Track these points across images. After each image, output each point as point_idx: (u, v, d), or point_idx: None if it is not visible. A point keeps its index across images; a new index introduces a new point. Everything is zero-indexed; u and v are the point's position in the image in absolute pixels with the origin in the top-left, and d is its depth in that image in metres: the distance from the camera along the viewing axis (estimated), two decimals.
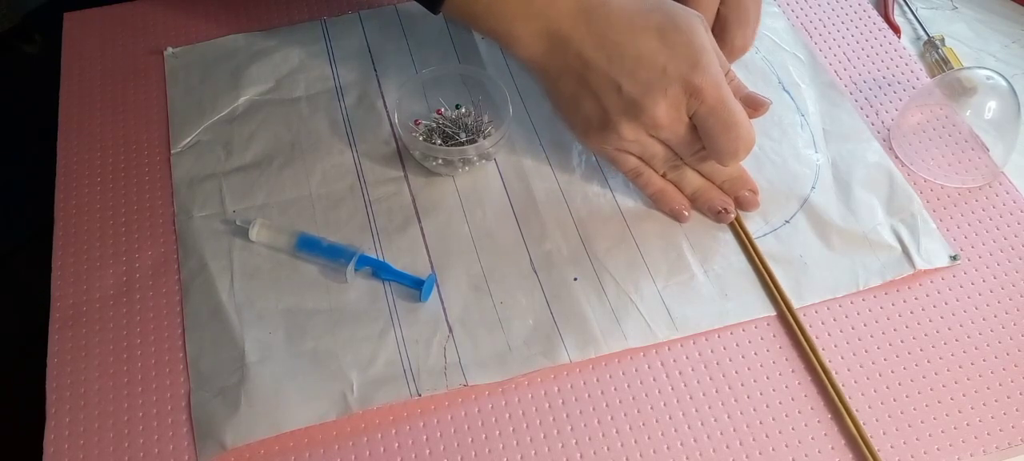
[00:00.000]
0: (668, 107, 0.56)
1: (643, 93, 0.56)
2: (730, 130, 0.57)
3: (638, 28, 0.56)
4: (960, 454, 0.52)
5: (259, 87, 0.70)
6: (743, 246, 0.60)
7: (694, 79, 0.55)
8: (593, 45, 0.56)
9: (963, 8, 0.80)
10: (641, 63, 0.56)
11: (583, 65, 0.57)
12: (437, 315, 0.57)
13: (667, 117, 0.57)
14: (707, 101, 0.56)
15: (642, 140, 0.59)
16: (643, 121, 0.57)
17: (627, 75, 0.56)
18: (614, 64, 0.56)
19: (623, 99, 0.56)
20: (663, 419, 0.53)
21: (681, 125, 0.57)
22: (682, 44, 0.56)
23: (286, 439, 0.53)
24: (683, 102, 0.56)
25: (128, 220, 0.63)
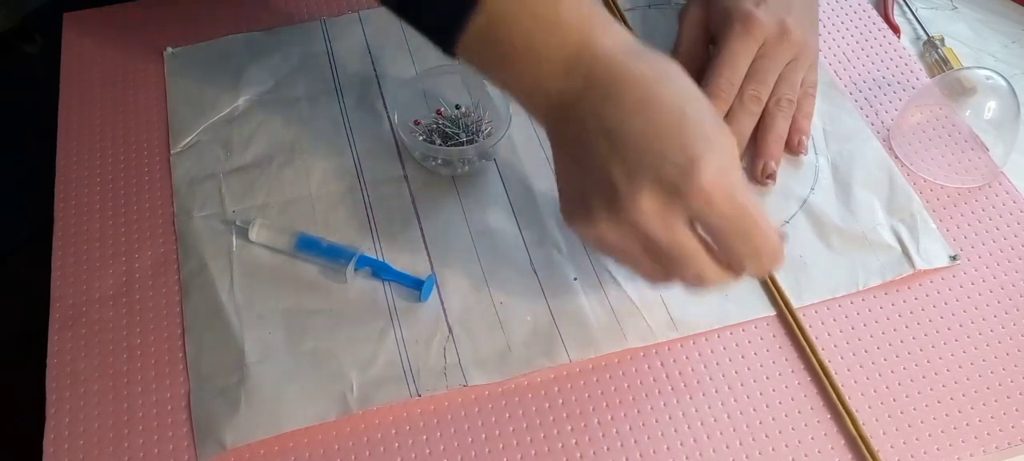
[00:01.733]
0: (655, 207, 0.46)
1: (628, 181, 0.46)
2: (748, 235, 0.47)
3: (648, 108, 0.47)
4: (960, 454, 0.52)
5: (259, 87, 0.70)
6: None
7: (695, 178, 0.45)
8: (596, 118, 0.48)
9: (963, 8, 0.80)
10: (636, 146, 0.46)
11: (580, 136, 0.49)
12: (437, 315, 0.57)
13: (654, 216, 0.46)
14: (716, 206, 0.46)
15: (623, 241, 0.48)
16: (622, 218, 0.47)
17: (618, 157, 0.47)
18: (610, 141, 0.47)
19: (608, 186, 0.47)
20: (663, 419, 0.53)
21: (673, 230, 0.47)
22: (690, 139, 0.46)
23: (286, 439, 0.53)
24: (679, 206, 0.46)
25: (128, 220, 0.63)
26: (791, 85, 0.63)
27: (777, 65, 0.63)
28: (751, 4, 0.63)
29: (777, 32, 0.62)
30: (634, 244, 0.48)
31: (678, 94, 0.48)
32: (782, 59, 0.63)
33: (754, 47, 0.62)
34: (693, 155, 0.46)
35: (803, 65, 0.64)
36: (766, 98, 0.63)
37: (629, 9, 0.76)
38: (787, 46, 0.63)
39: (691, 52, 0.67)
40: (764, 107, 0.63)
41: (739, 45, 0.62)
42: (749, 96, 0.62)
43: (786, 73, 0.63)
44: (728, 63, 0.62)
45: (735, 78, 0.62)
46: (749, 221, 0.47)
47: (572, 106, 0.49)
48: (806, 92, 0.65)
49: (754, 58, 0.63)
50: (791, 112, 0.64)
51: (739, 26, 0.62)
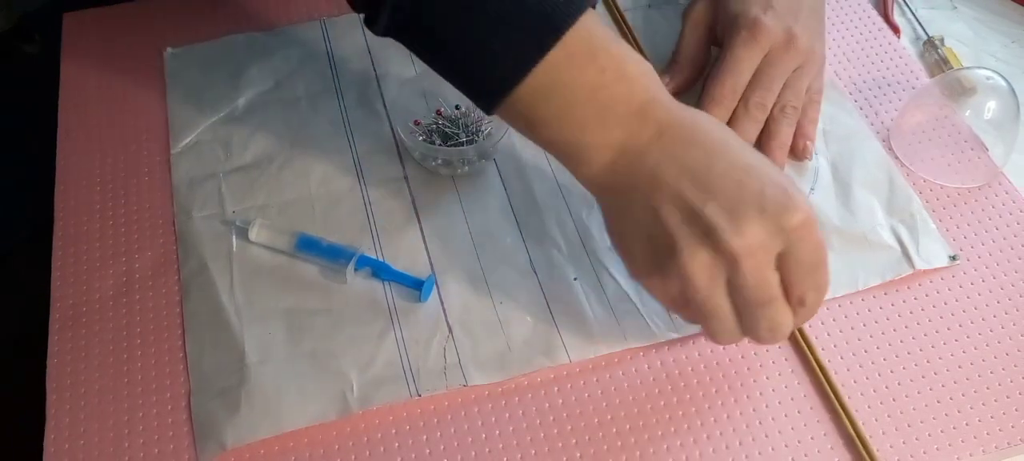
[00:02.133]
0: (760, 237, 0.46)
1: (730, 215, 0.46)
2: (823, 268, 0.49)
3: (727, 151, 0.49)
4: (960, 454, 0.52)
5: (259, 87, 0.70)
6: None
7: (795, 210, 0.46)
8: (675, 162, 0.48)
9: (963, 8, 0.80)
10: (730, 180, 0.47)
11: (655, 181, 0.48)
12: (437, 315, 0.57)
13: (757, 248, 0.46)
14: (809, 238, 0.47)
15: (711, 284, 0.48)
16: (722, 252, 0.46)
17: (713, 193, 0.47)
18: (697, 181, 0.47)
19: (701, 223, 0.47)
20: (663, 419, 0.53)
21: (766, 266, 0.47)
22: (780, 176, 0.48)
23: (286, 439, 0.53)
24: (779, 237, 0.47)
25: (128, 220, 0.63)
26: (796, 92, 0.63)
27: (783, 72, 0.63)
28: (759, 10, 0.62)
29: (784, 40, 0.62)
30: (718, 287, 0.48)
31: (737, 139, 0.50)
32: (788, 66, 0.63)
33: (759, 54, 0.62)
34: (788, 188, 0.47)
35: (809, 72, 0.64)
36: (771, 105, 0.63)
37: (629, 9, 0.76)
38: (793, 53, 0.62)
39: (693, 53, 0.67)
40: (769, 114, 0.63)
41: (744, 51, 0.62)
42: (754, 103, 0.62)
43: (792, 80, 0.63)
44: (732, 69, 0.62)
45: (738, 85, 0.62)
46: (825, 255, 0.48)
47: (641, 155, 0.49)
48: (811, 98, 0.65)
49: (760, 65, 0.62)
50: (796, 119, 0.63)
51: (746, 32, 0.62)
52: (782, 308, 0.48)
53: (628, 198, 0.50)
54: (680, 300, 0.50)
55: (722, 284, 0.48)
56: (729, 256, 0.46)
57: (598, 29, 0.50)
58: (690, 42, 0.67)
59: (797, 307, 0.49)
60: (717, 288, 0.48)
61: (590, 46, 0.49)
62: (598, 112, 0.50)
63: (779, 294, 0.48)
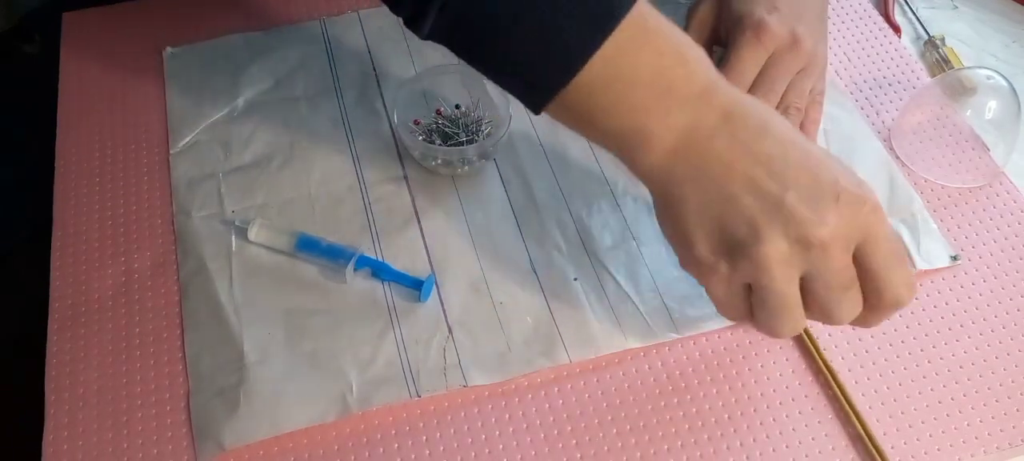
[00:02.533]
0: (840, 225, 0.46)
1: (811, 205, 0.46)
2: (903, 264, 0.48)
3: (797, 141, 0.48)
4: (961, 454, 0.51)
5: (258, 87, 0.70)
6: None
7: (870, 196, 0.47)
8: (747, 149, 0.47)
9: (964, 8, 0.80)
10: (807, 171, 0.47)
11: (728, 168, 0.47)
12: (437, 315, 0.57)
13: (840, 236, 0.46)
14: (882, 224, 0.47)
15: (788, 274, 0.47)
16: (807, 242, 0.46)
17: (792, 184, 0.46)
18: (774, 170, 0.47)
19: (784, 212, 0.46)
20: (663, 419, 0.53)
21: (847, 251, 0.47)
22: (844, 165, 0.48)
23: (285, 440, 0.52)
24: (857, 222, 0.47)
25: (127, 220, 0.63)
26: (800, 93, 0.63)
27: (787, 74, 0.63)
28: (764, 11, 0.62)
29: (789, 42, 0.62)
30: (793, 278, 0.48)
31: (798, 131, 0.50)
32: (792, 68, 0.62)
33: (764, 55, 0.62)
34: (858, 179, 0.47)
35: (812, 74, 0.64)
36: (774, 106, 0.63)
37: None
38: (798, 55, 0.62)
39: None
40: None
41: (749, 52, 0.62)
42: None
43: (795, 81, 0.63)
44: (736, 70, 0.62)
45: (742, 86, 0.62)
46: (903, 246, 0.48)
47: (708, 140, 0.48)
48: (813, 99, 0.65)
49: (764, 66, 0.62)
50: (799, 120, 0.63)
51: (751, 33, 0.62)
52: (858, 294, 0.49)
53: (693, 186, 0.49)
54: (738, 294, 0.49)
55: (796, 275, 0.48)
56: (816, 245, 0.46)
57: (653, 14, 0.50)
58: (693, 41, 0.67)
59: (889, 307, 0.49)
60: (793, 279, 0.48)
61: (646, 30, 0.49)
62: (659, 96, 0.48)
63: (855, 283, 0.48)
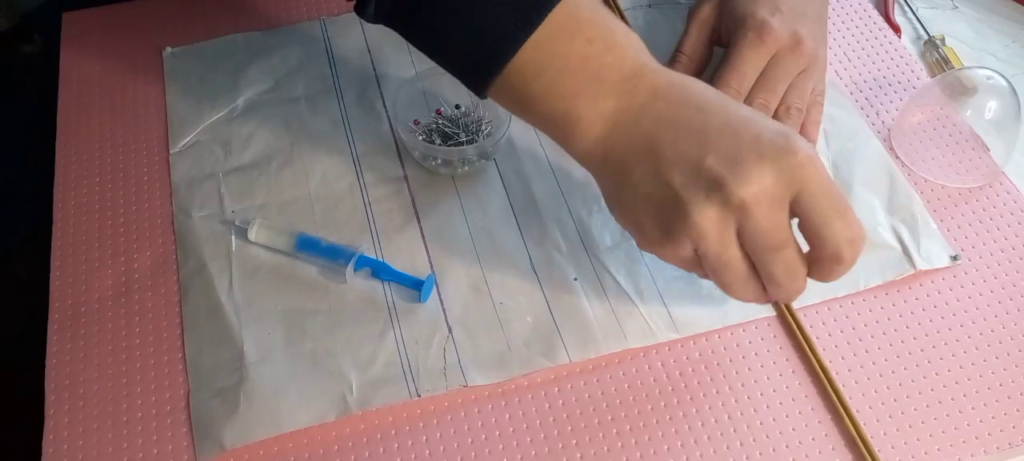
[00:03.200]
0: (764, 182, 0.46)
1: (730, 165, 0.46)
2: (849, 212, 0.47)
3: (722, 107, 0.49)
4: (960, 454, 0.51)
5: (258, 87, 0.70)
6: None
7: (796, 148, 0.46)
8: (670, 122, 0.48)
9: (964, 8, 0.80)
10: (727, 133, 0.47)
11: (653, 144, 0.48)
12: (437, 315, 0.57)
13: (763, 194, 0.46)
14: (817, 175, 0.46)
15: (724, 238, 0.47)
16: (731, 203, 0.46)
17: (711, 147, 0.47)
18: (694, 138, 0.47)
19: (704, 177, 0.46)
20: (663, 419, 0.53)
21: (776, 210, 0.47)
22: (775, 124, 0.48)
23: (285, 440, 0.52)
24: (784, 178, 0.46)
25: (127, 220, 0.63)
26: (801, 94, 0.63)
27: (788, 75, 0.63)
28: (766, 12, 0.62)
29: (791, 43, 0.62)
30: (731, 240, 0.48)
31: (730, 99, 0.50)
32: (794, 69, 0.63)
33: (766, 56, 0.62)
34: (785, 130, 0.47)
35: (814, 75, 0.64)
36: (775, 106, 0.63)
37: (629, 9, 0.76)
38: (800, 56, 0.62)
39: (695, 51, 0.67)
40: (774, 114, 0.63)
41: (751, 53, 0.62)
42: (758, 104, 0.62)
43: (797, 82, 0.63)
44: (737, 70, 0.62)
45: (743, 87, 0.62)
46: (845, 199, 0.47)
47: (636, 122, 0.49)
48: (814, 100, 0.65)
49: (766, 67, 0.62)
50: (800, 121, 0.63)
51: (753, 34, 0.62)
52: (796, 253, 0.48)
53: (626, 168, 0.50)
54: (694, 261, 0.50)
55: (734, 237, 0.48)
56: (737, 205, 0.46)
57: (586, 3, 0.51)
58: (694, 41, 0.67)
59: (830, 263, 0.48)
60: (730, 241, 0.48)
61: (577, 18, 0.50)
62: (589, 82, 0.50)
63: (792, 237, 0.48)
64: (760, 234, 0.47)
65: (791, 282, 0.49)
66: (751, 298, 0.51)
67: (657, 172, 0.48)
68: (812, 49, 0.63)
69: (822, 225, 0.47)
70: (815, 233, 0.47)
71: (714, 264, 0.49)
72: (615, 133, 0.50)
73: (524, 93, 0.51)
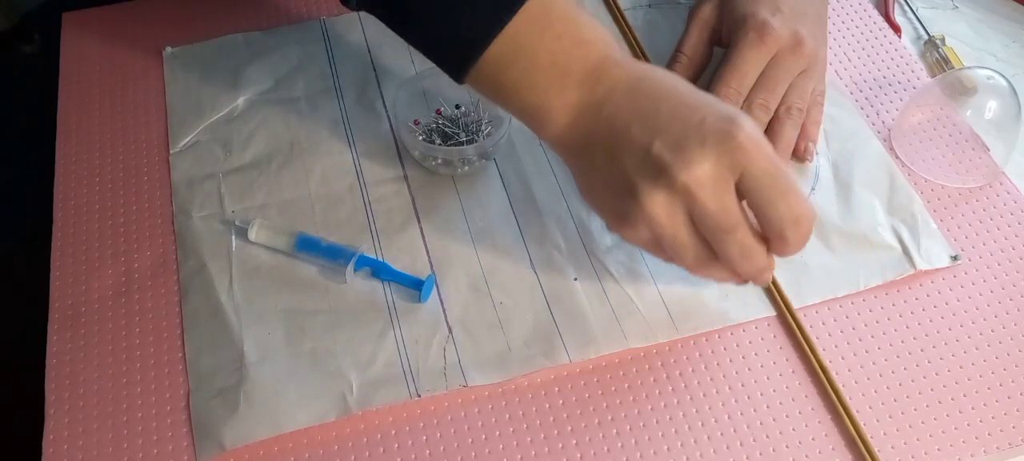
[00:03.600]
0: (705, 165, 0.47)
1: (674, 150, 0.47)
2: (791, 192, 0.48)
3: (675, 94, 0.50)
4: (960, 454, 0.51)
5: (258, 87, 0.70)
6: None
7: (736, 131, 0.47)
8: (626, 110, 0.50)
9: (964, 8, 0.80)
10: (675, 119, 0.48)
11: (611, 131, 0.50)
12: (437, 315, 0.57)
13: (705, 177, 0.47)
14: (759, 157, 0.47)
15: (674, 221, 0.49)
16: (676, 188, 0.48)
17: (658, 133, 0.48)
18: (644, 125, 0.49)
19: (651, 163, 0.48)
20: (663, 419, 0.53)
21: (722, 193, 0.48)
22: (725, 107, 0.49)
23: (285, 440, 0.52)
24: (725, 160, 0.47)
25: (127, 220, 0.63)
26: (801, 94, 0.63)
27: (789, 75, 0.63)
28: (767, 13, 0.62)
29: (791, 43, 0.62)
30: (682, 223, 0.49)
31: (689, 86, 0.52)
32: (794, 69, 0.63)
33: (766, 56, 0.62)
34: (730, 114, 0.48)
35: (814, 75, 0.64)
36: (775, 106, 0.63)
37: (629, 9, 0.76)
38: (800, 57, 0.62)
39: (695, 51, 0.67)
40: (774, 115, 0.63)
41: (751, 53, 0.62)
42: (758, 104, 0.62)
43: (797, 82, 0.63)
44: (737, 70, 0.62)
45: (743, 87, 0.62)
46: (789, 180, 0.48)
47: (598, 110, 0.51)
48: (815, 100, 0.65)
49: (766, 67, 0.62)
50: (800, 121, 0.63)
51: (753, 34, 0.62)
52: (748, 234, 0.50)
53: (589, 154, 0.52)
54: (655, 243, 0.51)
55: (684, 220, 0.49)
56: (681, 189, 0.48)
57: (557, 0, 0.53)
58: (694, 41, 0.67)
59: (778, 243, 0.49)
60: (680, 225, 0.49)
61: (548, 13, 0.52)
62: (557, 76, 0.52)
63: (741, 219, 0.49)
64: (708, 217, 0.48)
65: (748, 263, 0.50)
66: (720, 278, 0.53)
67: (612, 158, 0.50)
68: (813, 49, 0.63)
69: (764, 205, 0.48)
70: (760, 213, 0.49)
71: (669, 247, 0.51)
72: (579, 122, 0.52)
73: (497, 83, 0.54)
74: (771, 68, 0.62)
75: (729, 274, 0.52)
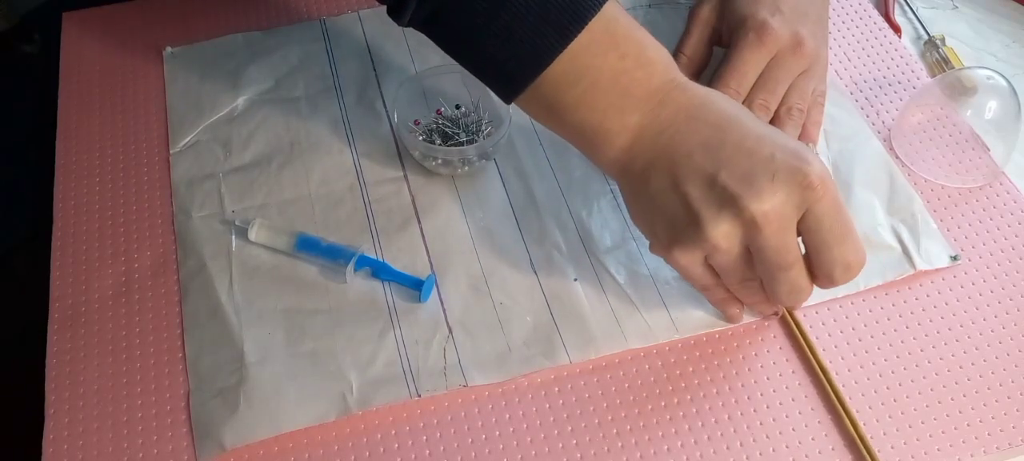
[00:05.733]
0: (775, 201, 0.47)
1: (743, 182, 0.47)
2: (849, 238, 0.49)
3: (739, 124, 0.50)
4: (960, 454, 0.51)
5: (258, 87, 0.70)
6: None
7: (808, 169, 0.47)
8: (687, 135, 0.50)
9: (964, 8, 0.80)
10: (742, 151, 0.48)
11: (672, 156, 0.50)
12: (437, 316, 0.57)
13: (773, 213, 0.47)
14: (826, 197, 0.48)
15: (732, 250, 0.49)
16: (742, 219, 0.48)
17: (725, 164, 0.48)
18: (710, 153, 0.49)
19: (717, 191, 0.48)
20: (663, 419, 0.53)
21: (786, 230, 0.48)
22: (791, 142, 0.49)
23: (285, 440, 0.52)
24: (794, 198, 0.48)
25: (127, 220, 0.63)
26: (802, 94, 0.63)
27: (789, 75, 0.63)
28: (767, 13, 0.62)
29: (791, 44, 0.62)
30: (739, 254, 0.50)
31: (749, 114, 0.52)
32: (794, 70, 0.63)
33: (766, 57, 0.62)
34: (799, 151, 0.48)
35: (814, 76, 0.64)
36: (775, 107, 0.63)
37: (629, 8, 0.76)
38: (801, 57, 0.62)
39: (696, 51, 0.67)
40: (775, 115, 0.63)
41: (751, 54, 0.62)
42: (758, 105, 0.62)
43: (798, 82, 0.63)
44: (737, 71, 0.62)
45: (742, 87, 0.62)
46: (850, 224, 0.49)
47: (659, 135, 0.51)
48: (815, 101, 0.65)
49: (766, 67, 0.62)
50: (801, 121, 0.63)
51: (753, 35, 0.62)
52: (802, 272, 0.50)
53: (646, 177, 0.51)
54: (705, 273, 0.52)
55: (742, 251, 0.50)
56: (748, 221, 0.48)
57: (621, 16, 0.52)
58: (694, 41, 0.67)
59: (824, 282, 0.51)
60: (737, 255, 0.50)
61: (613, 33, 0.51)
62: (619, 97, 0.51)
63: (799, 258, 0.50)
64: (768, 251, 0.49)
65: (793, 299, 0.52)
66: (751, 303, 0.54)
67: (674, 184, 0.50)
68: (813, 50, 0.63)
69: (822, 247, 0.49)
70: (814, 252, 0.50)
71: (729, 275, 0.52)
72: (638, 145, 0.52)
73: (555, 103, 0.52)
74: (771, 68, 0.62)
75: (763, 303, 0.53)
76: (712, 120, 0.50)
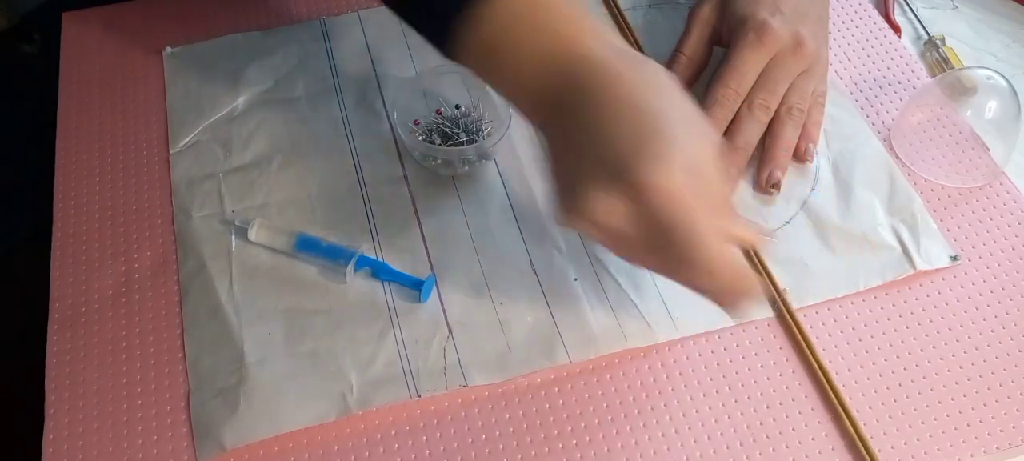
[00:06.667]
0: (602, 198, 0.47)
1: (582, 175, 0.47)
2: (688, 244, 0.47)
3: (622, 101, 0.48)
4: (960, 454, 0.51)
5: (258, 87, 0.70)
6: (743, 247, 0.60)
7: (640, 170, 0.46)
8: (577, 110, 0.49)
9: (964, 8, 0.80)
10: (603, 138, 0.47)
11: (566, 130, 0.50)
12: (437, 316, 0.57)
13: (601, 212, 0.47)
14: (653, 199, 0.46)
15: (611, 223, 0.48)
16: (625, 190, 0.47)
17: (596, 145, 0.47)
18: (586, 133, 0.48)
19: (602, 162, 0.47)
20: (663, 420, 0.53)
21: (620, 222, 0.48)
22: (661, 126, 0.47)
23: (285, 440, 0.52)
24: (621, 194, 0.47)
25: (127, 220, 0.63)
26: (802, 95, 0.63)
27: (789, 76, 0.63)
28: (767, 13, 0.62)
29: (791, 44, 0.62)
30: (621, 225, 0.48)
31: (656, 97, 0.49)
32: (794, 70, 0.63)
33: (766, 57, 0.62)
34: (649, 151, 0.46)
35: (815, 76, 0.64)
36: (775, 107, 0.63)
37: (629, 8, 0.76)
38: (801, 57, 0.62)
39: (695, 51, 0.67)
40: (775, 115, 0.63)
41: (751, 54, 0.62)
42: (758, 105, 0.62)
43: (798, 83, 0.63)
44: (737, 71, 0.62)
45: (742, 87, 0.62)
46: (693, 228, 0.47)
47: (557, 104, 0.49)
48: (815, 101, 0.65)
49: (766, 67, 0.62)
50: (801, 121, 0.63)
51: (753, 35, 0.62)
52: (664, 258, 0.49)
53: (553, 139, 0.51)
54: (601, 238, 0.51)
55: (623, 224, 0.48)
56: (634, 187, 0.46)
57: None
58: (694, 41, 0.67)
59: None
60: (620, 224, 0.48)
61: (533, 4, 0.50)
62: (520, 62, 0.50)
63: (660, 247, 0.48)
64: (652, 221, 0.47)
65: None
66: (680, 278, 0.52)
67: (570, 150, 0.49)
68: (813, 50, 0.63)
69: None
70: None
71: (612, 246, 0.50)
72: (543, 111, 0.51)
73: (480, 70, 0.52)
74: (771, 69, 0.62)
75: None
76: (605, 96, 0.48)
